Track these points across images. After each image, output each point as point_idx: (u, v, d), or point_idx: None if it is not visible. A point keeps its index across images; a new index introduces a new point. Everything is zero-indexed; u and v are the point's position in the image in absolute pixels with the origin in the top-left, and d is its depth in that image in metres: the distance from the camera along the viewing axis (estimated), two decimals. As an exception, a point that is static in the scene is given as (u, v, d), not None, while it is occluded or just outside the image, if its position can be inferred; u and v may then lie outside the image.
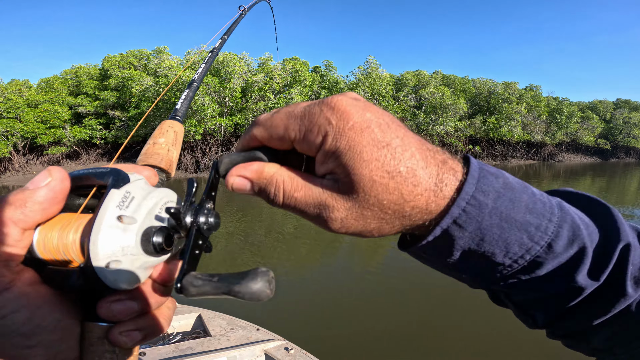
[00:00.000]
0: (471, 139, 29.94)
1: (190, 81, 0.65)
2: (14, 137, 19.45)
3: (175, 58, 23.26)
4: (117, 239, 0.26)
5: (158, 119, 20.64)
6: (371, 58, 25.54)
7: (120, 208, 0.27)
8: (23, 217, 0.25)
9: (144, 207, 0.28)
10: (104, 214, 0.26)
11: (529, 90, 33.18)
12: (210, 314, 3.65)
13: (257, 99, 21.12)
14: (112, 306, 0.27)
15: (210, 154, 21.54)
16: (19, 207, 0.25)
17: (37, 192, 0.26)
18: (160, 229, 0.28)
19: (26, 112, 19.97)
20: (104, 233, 0.25)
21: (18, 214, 0.25)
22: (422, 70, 29.83)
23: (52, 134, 20.65)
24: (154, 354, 2.98)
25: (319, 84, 26.03)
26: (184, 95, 0.59)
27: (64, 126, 21.36)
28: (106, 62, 24.31)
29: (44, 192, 0.26)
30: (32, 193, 0.26)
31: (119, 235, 0.26)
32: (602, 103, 40.77)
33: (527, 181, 0.30)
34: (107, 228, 0.26)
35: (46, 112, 20.62)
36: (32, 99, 20.98)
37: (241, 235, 8.95)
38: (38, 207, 0.26)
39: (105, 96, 22.49)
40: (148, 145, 0.43)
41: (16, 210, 0.25)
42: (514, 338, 4.60)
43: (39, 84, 24.25)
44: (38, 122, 20.28)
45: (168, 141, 0.43)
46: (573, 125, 32.75)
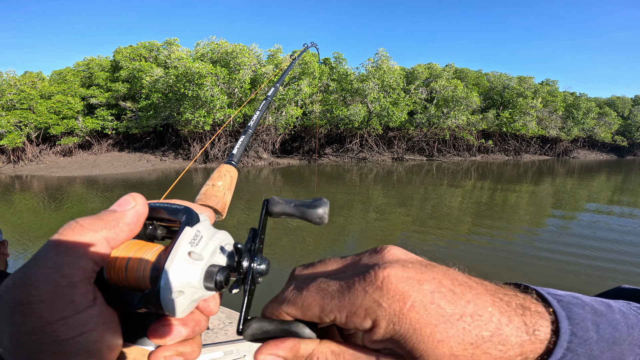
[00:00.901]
0: (483, 133, 29.28)
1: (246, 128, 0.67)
2: (27, 127, 19.77)
3: (185, 49, 23.25)
4: (185, 272, 0.28)
5: (167, 109, 20.74)
6: (382, 50, 25.08)
7: (191, 245, 0.29)
8: (115, 236, 0.27)
9: (210, 247, 0.30)
10: (178, 249, 0.28)
11: (545, 85, 32.24)
12: None
13: (266, 90, 20.96)
14: (164, 330, 0.28)
15: (219, 145, 21.53)
16: (112, 226, 0.27)
17: (127, 214, 0.28)
18: (223, 269, 0.30)
19: (39, 104, 20.28)
20: (176, 266, 0.27)
21: (112, 233, 0.27)
22: (434, 64, 29.18)
23: (64, 124, 20.94)
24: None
25: (328, 76, 25.71)
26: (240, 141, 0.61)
27: (77, 117, 21.63)
28: (117, 54, 24.46)
29: (132, 214, 0.28)
30: (123, 215, 0.28)
31: (188, 270, 0.28)
32: (620, 99, 39.48)
33: (540, 178, 0.30)
34: (179, 262, 0.28)
35: (59, 103, 20.92)
36: (45, 91, 21.26)
37: (247, 227, 8.83)
38: (127, 227, 0.28)
39: (116, 87, 22.67)
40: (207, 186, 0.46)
41: (110, 230, 0.27)
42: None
43: (52, 76, 24.57)
44: (51, 113, 20.59)
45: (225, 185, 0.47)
46: (590, 121, 31.78)
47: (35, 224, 10.11)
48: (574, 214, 12.38)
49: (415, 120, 25.75)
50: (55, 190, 14.10)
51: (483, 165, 24.54)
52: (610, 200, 13.70)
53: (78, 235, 0.25)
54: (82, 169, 19.16)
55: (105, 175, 17.83)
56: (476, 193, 14.60)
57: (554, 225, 10.05)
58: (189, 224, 0.30)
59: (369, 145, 26.25)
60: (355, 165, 23.54)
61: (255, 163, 22.25)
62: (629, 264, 7.42)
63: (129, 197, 0.29)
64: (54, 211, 11.23)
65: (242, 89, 20.50)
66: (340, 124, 24.09)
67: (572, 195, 15.29)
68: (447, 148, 28.02)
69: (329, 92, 25.26)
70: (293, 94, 20.73)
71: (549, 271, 7.14)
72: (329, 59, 28.67)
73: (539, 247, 7.94)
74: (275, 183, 16.24)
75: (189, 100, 19.11)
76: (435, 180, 17.36)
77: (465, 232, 8.85)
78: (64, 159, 21.52)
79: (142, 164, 20.51)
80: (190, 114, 19.20)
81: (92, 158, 21.64)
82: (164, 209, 0.31)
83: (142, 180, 16.23)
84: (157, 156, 22.14)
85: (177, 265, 0.27)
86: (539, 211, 11.79)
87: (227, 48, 20.72)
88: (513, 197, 13.82)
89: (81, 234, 0.26)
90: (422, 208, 11.63)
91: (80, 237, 0.25)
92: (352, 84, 24.08)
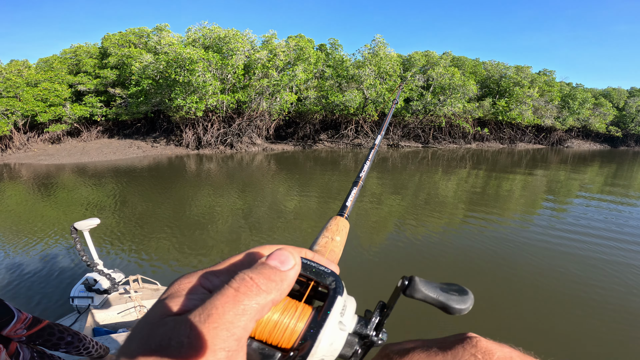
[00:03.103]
0: (479, 121, 29.18)
1: (356, 179, 0.65)
2: (14, 115, 19.26)
3: (176, 35, 22.63)
4: (332, 342, 0.28)
5: (158, 95, 20.24)
6: (379, 37, 24.69)
7: (341, 315, 0.29)
8: (279, 298, 0.26)
9: (350, 315, 0.30)
10: (332, 317, 0.28)
11: (542, 75, 32.08)
12: None
13: (260, 76, 20.54)
14: None
15: (212, 131, 21.13)
16: (279, 289, 0.26)
17: (289, 274, 0.27)
18: (362, 341, 0.30)
19: (25, 91, 19.78)
20: (328, 334, 0.27)
21: (278, 295, 0.26)
22: (431, 51, 28.87)
23: (52, 112, 20.43)
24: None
25: (324, 62, 25.29)
26: (352, 194, 0.58)
27: (64, 104, 21.09)
28: (106, 40, 23.84)
29: (293, 276, 0.27)
30: (287, 276, 0.26)
31: (335, 339, 0.28)
32: (616, 91, 39.51)
33: (534, 165, 0.31)
34: (330, 331, 0.28)
35: (45, 90, 20.42)
36: (31, 79, 20.76)
37: (242, 214, 8.65)
38: (287, 289, 0.26)
39: (105, 74, 22.11)
40: (326, 238, 0.43)
41: (277, 293, 0.26)
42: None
43: (38, 64, 23.90)
44: (37, 101, 20.08)
45: (342, 241, 0.44)
46: (585, 111, 31.78)
47: (26, 212, 9.80)
48: (567, 200, 12.33)
49: (411, 107, 25.52)
50: (45, 178, 13.73)
51: (478, 153, 24.46)
52: (602, 190, 13.69)
53: (255, 297, 0.24)
54: (70, 156, 18.71)
55: (95, 162, 17.42)
56: (471, 180, 14.49)
57: (546, 213, 10.00)
58: (340, 294, 0.29)
59: (364, 131, 26.05)
60: (350, 151, 23.36)
61: (248, 149, 21.93)
62: (615, 248, 7.39)
63: (289, 255, 0.27)
64: (45, 199, 10.91)
65: (235, 74, 20.06)
66: (335, 109, 23.80)
67: (565, 184, 15.26)
68: (443, 135, 27.95)
69: (324, 79, 24.88)
70: (288, 79, 20.34)
71: (541, 255, 7.04)
72: (324, 45, 28.20)
73: (532, 232, 7.90)
74: (269, 169, 15.98)
75: (181, 86, 18.65)
76: (430, 168, 17.21)
77: (459, 219, 8.74)
78: (52, 146, 21.01)
79: (132, 151, 20.08)
80: (182, 99, 18.76)
81: (80, 145, 21.15)
82: (314, 271, 0.30)
83: (132, 166, 15.86)
84: (148, 142, 21.70)
85: (329, 334, 0.27)
86: (532, 199, 11.73)
87: (220, 33, 20.20)
88: (507, 185, 13.73)
89: (257, 295, 0.24)
90: (417, 195, 11.48)
91: (256, 299, 0.24)
92: (348, 71, 23.72)
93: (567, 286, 5.19)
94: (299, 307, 0.29)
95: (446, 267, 5.80)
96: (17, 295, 4.70)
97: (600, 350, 3.81)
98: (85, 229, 3.16)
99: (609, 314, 4.50)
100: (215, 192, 11.18)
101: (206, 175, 13.93)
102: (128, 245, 6.57)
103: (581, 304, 4.71)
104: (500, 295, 4.85)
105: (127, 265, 5.71)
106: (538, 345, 3.80)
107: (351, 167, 17.05)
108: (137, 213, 8.59)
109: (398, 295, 0.33)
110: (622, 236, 7.68)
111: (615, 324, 4.25)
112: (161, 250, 6.28)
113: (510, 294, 4.92)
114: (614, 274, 5.70)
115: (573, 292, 5.02)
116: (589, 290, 5.12)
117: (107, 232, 7.18)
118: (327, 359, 0.28)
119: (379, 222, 8.16)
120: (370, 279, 5.35)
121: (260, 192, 11.32)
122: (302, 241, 6.74)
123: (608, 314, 4.50)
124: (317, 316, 0.28)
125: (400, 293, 0.32)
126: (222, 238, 6.99)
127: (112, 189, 11.17)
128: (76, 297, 3.25)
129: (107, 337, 2.72)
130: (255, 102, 20.75)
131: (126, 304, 3.31)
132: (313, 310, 0.29)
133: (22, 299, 4.65)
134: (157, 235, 7.04)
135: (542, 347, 3.80)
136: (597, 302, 4.81)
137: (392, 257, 6.14)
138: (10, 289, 4.91)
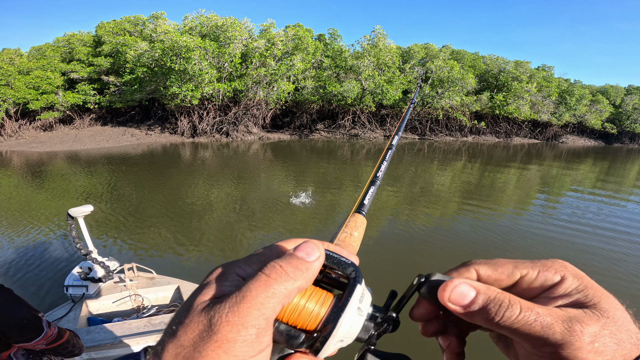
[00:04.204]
0: (476, 114, 29.16)
1: (373, 178, 0.66)
2: (5, 103, 18.89)
3: (173, 23, 22.11)
4: (352, 325, 0.31)
5: (153, 83, 19.87)
6: (378, 28, 24.37)
7: (360, 301, 0.32)
8: (305, 285, 0.29)
9: (367, 303, 0.33)
10: (351, 303, 0.31)
11: (540, 70, 31.97)
12: (190, 287, 3.37)
13: (257, 65, 20.24)
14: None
15: (208, 119, 20.88)
16: (304, 277, 0.29)
17: (314, 265, 0.30)
18: (378, 325, 0.34)
19: (17, 79, 19.38)
20: (348, 319, 0.30)
21: (304, 282, 0.29)
22: (430, 44, 28.60)
23: (44, 99, 20.05)
24: (124, 328, 2.68)
25: (322, 52, 24.97)
26: (370, 192, 0.61)
27: (57, 92, 20.67)
28: (100, 29, 23.31)
29: (317, 265, 0.30)
30: (312, 265, 0.29)
31: (354, 323, 0.31)
32: (613, 88, 39.47)
33: (528, 160, 0.32)
34: (350, 315, 0.31)
35: (37, 78, 20.07)
36: (23, 67, 20.33)
37: (237, 203, 8.60)
38: (312, 277, 0.30)
39: (98, 62, 21.66)
40: (345, 233, 0.46)
41: (303, 280, 0.29)
42: None
43: (31, 52, 23.34)
44: (29, 89, 19.69)
45: (360, 236, 0.48)
46: (582, 107, 31.86)
47: (18, 200, 9.66)
48: (559, 194, 12.43)
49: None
50: (37, 165, 13.51)
51: (474, 146, 24.53)
52: (594, 185, 13.83)
53: (283, 282, 0.27)
54: (62, 143, 18.41)
55: (88, 149, 17.17)
56: (466, 173, 14.54)
57: (539, 205, 10.09)
58: (359, 282, 0.32)
59: (361, 122, 25.95)
60: (347, 141, 23.30)
61: (244, 137, 21.76)
62: (605, 238, 7.49)
63: (315, 247, 0.30)
64: (38, 187, 10.75)
65: (232, 63, 19.72)
66: (333, 100, 23.62)
67: (558, 179, 15.38)
68: (440, 128, 27.95)
69: (322, 69, 24.60)
70: (285, 69, 20.06)
71: (533, 244, 7.12)
72: (323, 35, 27.79)
73: (524, 223, 7.99)
74: (265, 158, 15.88)
75: (176, 74, 18.32)
76: (426, 160, 17.23)
77: (454, 211, 8.78)
78: (45, 133, 20.65)
79: (126, 138, 19.80)
80: (177, 87, 18.44)
81: (73, 132, 20.79)
82: (336, 262, 0.33)
83: (126, 154, 15.66)
84: (143, 130, 21.39)
85: (349, 318, 0.30)
86: (525, 192, 11.81)
87: (217, 22, 19.78)
88: (502, 178, 13.80)
89: (285, 281, 0.27)
90: (413, 186, 11.49)
91: (284, 284, 0.27)
92: (347, 61, 23.46)
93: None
94: (323, 294, 0.32)
95: (441, 256, 5.84)
96: (12, 284, 4.64)
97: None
98: (79, 216, 3.10)
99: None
100: (211, 180, 11.10)
101: (201, 164, 13.81)
102: (122, 233, 6.50)
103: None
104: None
105: (122, 254, 5.65)
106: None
107: (347, 157, 17.01)
108: (131, 201, 8.49)
109: (413, 291, 0.36)
110: (613, 227, 7.80)
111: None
112: (156, 239, 6.23)
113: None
114: (603, 261, 5.79)
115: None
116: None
117: (101, 220, 7.10)
118: (346, 341, 0.32)
119: (376, 212, 8.17)
120: (370, 269, 5.36)
121: (255, 180, 11.26)
122: (299, 230, 6.73)
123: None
124: (338, 302, 0.31)
125: (415, 291, 0.35)
126: (216, 226, 6.95)
127: (105, 177, 11.03)
128: (70, 286, 3.19)
129: (101, 326, 2.68)
130: (252, 91, 20.49)
131: (121, 293, 3.27)
132: (335, 297, 0.32)
133: (16, 289, 4.60)
134: (152, 223, 6.98)
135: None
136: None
137: (387, 247, 6.16)
138: (6, 278, 4.85)
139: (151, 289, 3.36)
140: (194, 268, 5.27)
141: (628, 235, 7.51)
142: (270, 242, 5.96)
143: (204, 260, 5.54)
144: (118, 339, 2.56)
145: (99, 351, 2.47)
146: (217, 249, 5.93)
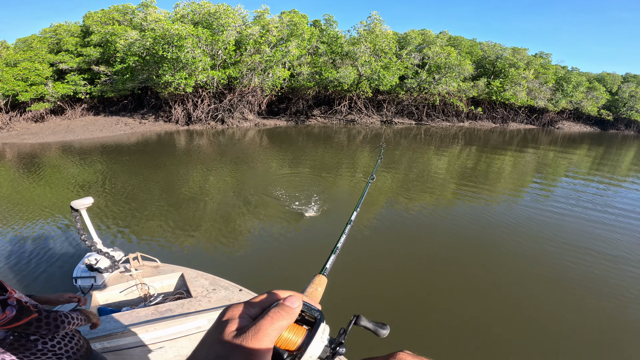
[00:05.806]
0: (473, 100, 29.09)
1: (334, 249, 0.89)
2: (-6, 96, 18.41)
3: (164, 12, 21.46)
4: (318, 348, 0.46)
5: (145, 72, 19.45)
6: (375, 13, 23.96)
7: (322, 333, 0.47)
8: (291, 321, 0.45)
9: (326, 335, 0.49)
10: (317, 335, 0.46)
11: (538, 58, 31.74)
12: (193, 274, 3.40)
13: (252, 52, 19.85)
14: None
15: (203, 107, 20.60)
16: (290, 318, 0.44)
17: (296, 311, 0.45)
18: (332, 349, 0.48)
19: (5, 72, 18.90)
20: (316, 344, 0.46)
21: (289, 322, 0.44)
22: (427, 30, 28.20)
23: (33, 90, 19.59)
24: (132, 316, 2.71)
25: (318, 38, 24.53)
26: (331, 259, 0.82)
27: (46, 83, 20.18)
28: (87, 19, 22.60)
29: (297, 311, 0.46)
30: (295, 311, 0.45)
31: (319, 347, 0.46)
32: (610, 76, 39.34)
33: (524, 145, 0.33)
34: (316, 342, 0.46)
35: (25, 70, 19.56)
36: (10, 59, 19.76)
37: (234, 190, 8.57)
38: (294, 318, 0.45)
39: (88, 52, 21.07)
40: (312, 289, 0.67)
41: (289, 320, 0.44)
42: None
43: (17, 44, 22.62)
44: (18, 80, 19.21)
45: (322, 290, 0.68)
46: (578, 94, 31.85)
47: (14, 193, 9.53)
48: (554, 178, 12.55)
49: (405, 84, 25.22)
50: (30, 157, 13.29)
51: (470, 132, 24.56)
52: (589, 172, 13.96)
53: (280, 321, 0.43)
54: (54, 134, 18.09)
55: (80, 139, 16.90)
56: (463, 158, 14.59)
57: (534, 189, 10.19)
58: (322, 321, 0.48)
59: (357, 107, 25.79)
60: (343, 127, 23.22)
61: (240, 124, 21.55)
62: (598, 221, 7.63)
63: (297, 299, 0.46)
64: (33, 179, 10.61)
65: (226, 50, 19.32)
66: (329, 86, 23.38)
67: (553, 165, 15.50)
68: (437, 113, 27.90)
69: (318, 55, 24.22)
70: (280, 55, 19.71)
71: (526, 229, 7.21)
72: (319, 21, 27.26)
73: (520, 207, 8.09)
74: (261, 144, 15.78)
75: (169, 62, 17.90)
76: (423, 145, 17.24)
77: (450, 196, 8.84)
78: (36, 125, 20.25)
79: (119, 128, 19.50)
80: (170, 76, 18.07)
81: (65, 123, 20.40)
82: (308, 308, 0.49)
83: (120, 143, 15.45)
84: (136, 119, 21.06)
85: (317, 344, 0.46)
86: (521, 176, 11.91)
87: (210, 9, 19.25)
88: (497, 163, 13.89)
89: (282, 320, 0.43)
90: (409, 171, 11.52)
91: (281, 322, 0.42)
92: (343, 47, 23.11)
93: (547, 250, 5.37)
94: (300, 328, 0.47)
95: (435, 241, 5.91)
96: (23, 278, 4.65)
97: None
98: (81, 208, 3.07)
99: (570, 284, 4.69)
100: (207, 167, 11.03)
101: (197, 151, 13.69)
102: (123, 223, 6.47)
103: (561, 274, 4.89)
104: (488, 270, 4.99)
105: (124, 244, 5.64)
106: (517, 295, 3.96)
107: (344, 142, 16.96)
108: (128, 190, 8.43)
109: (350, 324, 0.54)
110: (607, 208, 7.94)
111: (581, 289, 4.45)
112: (156, 228, 6.22)
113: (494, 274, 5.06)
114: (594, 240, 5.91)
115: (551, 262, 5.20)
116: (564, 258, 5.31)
117: (100, 210, 7.05)
118: (313, 358, 0.45)
119: (373, 197, 8.20)
120: (356, 256, 5.41)
121: (251, 167, 11.21)
122: (295, 219, 6.74)
123: (570, 284, 4.69)
124: (309, 333, 0.46)
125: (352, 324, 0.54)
126: (214, 214, 6.95)
127: (100, 167, 10.90)
128: (79, 278, 3.21)
129: (111, 316, 2.70)
130: (247, 77, 20.16)
131: (128, 282, 3.28)
132: (307, 331, 0.47)
133: (27, 281, 4.60)
134: (151, 212, 6.95)
135: (519, 295, 3.95)
136: (573, 280, 5.00)
137: (382, 233, 6.21)
138: (16, 270, 4.84)
139: (156, 277, 3.38)
140: (194, 255, 5.32)
141: (620, 216, 7.65)
142: (266, 228, 6.05)
143: (204, 247, 5.57)
144: (128, 328, 2.58)
145: (112, 340, 2.49)
146: (216, 236, 5.96)
